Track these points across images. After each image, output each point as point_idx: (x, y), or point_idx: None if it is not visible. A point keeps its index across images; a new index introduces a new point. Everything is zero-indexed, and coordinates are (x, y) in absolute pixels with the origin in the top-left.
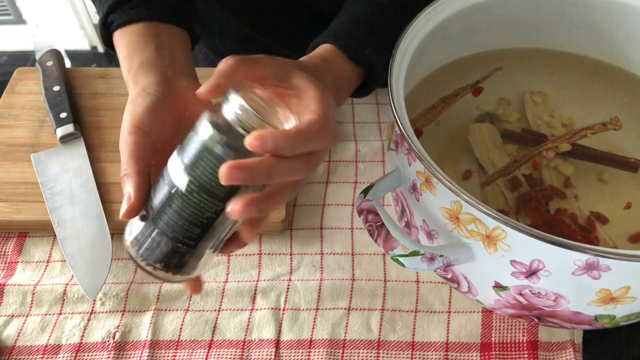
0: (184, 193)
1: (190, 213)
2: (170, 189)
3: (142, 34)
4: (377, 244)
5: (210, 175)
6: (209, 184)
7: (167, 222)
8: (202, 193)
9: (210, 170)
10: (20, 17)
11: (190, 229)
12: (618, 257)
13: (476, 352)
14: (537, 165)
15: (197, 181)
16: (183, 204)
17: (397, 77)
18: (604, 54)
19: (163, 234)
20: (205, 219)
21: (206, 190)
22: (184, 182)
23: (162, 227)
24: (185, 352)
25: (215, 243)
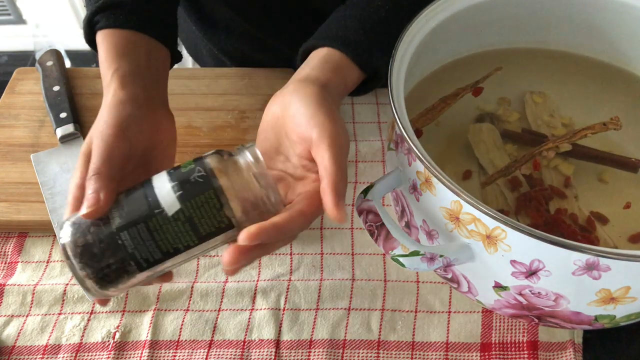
0: (168, 217)
1: (164, 238)
2: (154, 208)
3: (132, 42)
4: (377, 244)
5: (205, 214)
6: (198, 220)
7: (134, 238)
8: (187, 225)
9: (208, 209)
10: (20, 17)
11: (154, 253)
12: (618, 257)
13: (476, 352)
14: (537, 165)
15: (189, 212)
16: (161, 227)
17: (397, 77)
18: (604, 54)
19: (122, 247)
20: (174, 248)
21: (193, 224)
22: (173, 208)
23: (125, 239)
24: (185, 352)
25: (159, 272)
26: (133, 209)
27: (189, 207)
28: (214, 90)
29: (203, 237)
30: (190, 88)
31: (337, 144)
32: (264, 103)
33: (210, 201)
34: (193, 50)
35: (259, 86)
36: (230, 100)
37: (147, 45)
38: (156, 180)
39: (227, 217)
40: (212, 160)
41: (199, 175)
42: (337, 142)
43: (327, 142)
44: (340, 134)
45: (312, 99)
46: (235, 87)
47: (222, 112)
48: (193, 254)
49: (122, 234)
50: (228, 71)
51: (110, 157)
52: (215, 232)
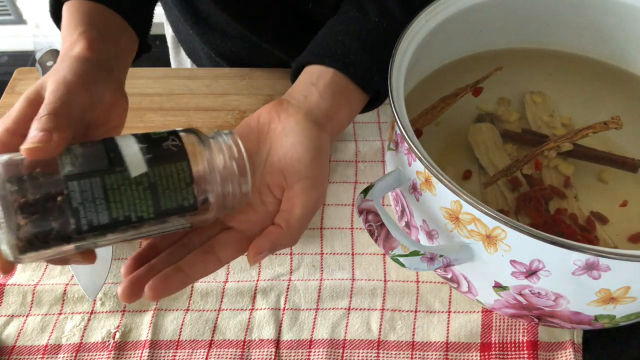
0: (130, 178)
1: (118, 200)
2: (115, 164)
3: (102, 13)
4: (377, 244)
5: (172, 185)
6: (162, 191)
7: (84, 191)
8: (148, 192)
9: (176, 182)
10: (20, 17)
11: (101, 215)
12: (618, 257)
13: (476, 352)
14: (539, 165)
15: (154, 179)
16: (119, 187)
17: (397, 77)
18: (604, 54)
19: (66, 200)
20: (124, 216)
21: (155, 193)
22: (138, 170)
23: (72, 190)
24: (185, 352)
25: (90, 244)
26: (90, 160)
27: (155, 173)
28: (214, 90)
29: (160, 213)
30: (190, 88)
31: (311, 208)
32: (264, 103)
33: (180, 173)
34: (191, 52)
35: (259, 86)
36: (230, 100)
37: (115, 22)
38: (120, 139)
39: (193, 196)
40: (189, 134)
41: (173, 145)
42: (312, 207)
43: (304, 200)
44: (320, 200)
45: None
46: (235, 87)
47: (222, 112)
48: (138, 231)
49: (70, 184)
50: (228, 71)
51: (70, 103)
52: (175, 210)
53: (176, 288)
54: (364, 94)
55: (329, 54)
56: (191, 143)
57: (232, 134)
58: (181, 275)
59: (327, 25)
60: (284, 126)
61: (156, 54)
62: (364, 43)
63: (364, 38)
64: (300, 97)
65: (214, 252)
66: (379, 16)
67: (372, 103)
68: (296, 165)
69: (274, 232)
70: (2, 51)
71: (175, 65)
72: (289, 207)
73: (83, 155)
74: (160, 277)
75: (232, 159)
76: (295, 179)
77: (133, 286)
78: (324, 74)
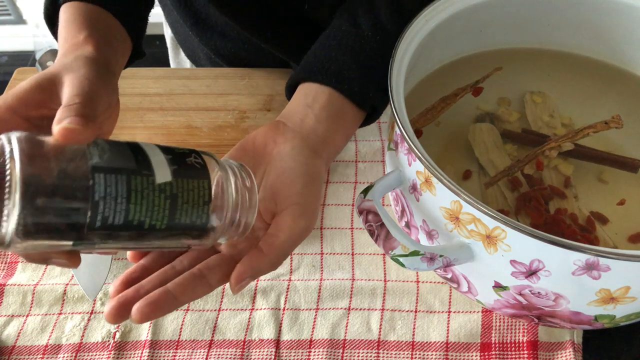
0: (154, 184)
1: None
2: (143, 168)
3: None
4: (377, 244)
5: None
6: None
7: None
8: (168, 202)
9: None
10: (20, 17)
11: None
12: (618, 257)
13: (476, 352)
14: (540, 164)
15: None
16: (142, 190)
17: (397, 77)
18: (603, 54)
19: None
20: (138, 221)
21: (174, 204)
22: (163, 178)
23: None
24: (185, 352)
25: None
26: (118, 156)
27: (179, 185)
28: (214, 90)
29: (173, 225)
30: (190, 88)
31: (297, 235)
32: (264, 103)
33: (201, 190)
34: (191, 53)
35: (259, 86)
36: (230, 100)
37: (112, 24)
38: (145, 146)
39: (207, 215)
40: (208, 156)
41: (197, 162)
42: (299, 234)
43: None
44: (308, 228)
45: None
46: (235, 87)
47: (222, 112)
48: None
49: (97, 175)
50: (228, 71)
51: (96, 100)
52: (186, 226)
53: (164, 311)
54: (359, 111)
55: (322, 70)
56: (211, 164)
57: (243, 166)
58: (169, 298)
59: (320, 40)
60: (280, 150)
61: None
62: (357, 58)
63: (357, 53)
64: (296, 120)
65: (203, 276)
66: (371, 30)
67: (369, 118)
68: (287, 191)
69: (255, 256)
70: (2, 51)
71: (175, 66)
72: (274, 232)
73: (111, 151)
74: (149, 300)
75: (244, 188)
76: (286, 205)
77: (120, 307)
78: (319, 94)
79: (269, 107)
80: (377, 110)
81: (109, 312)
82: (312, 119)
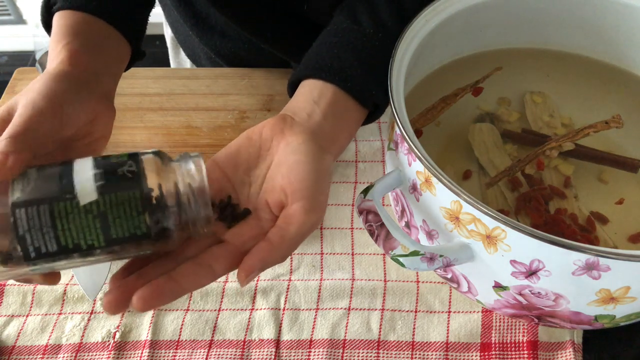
0: (79, 206)
1: (66, 229)
2: (65, 191)
3: (88, 23)
4: (377, 244)
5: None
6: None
7: (31, 218)
8: (97, 221)
9: (127, 210)
10: (20, 17)
11: (49, 243)
12: (618, 257)
13: (476, 352)
14: (541, 164)
15: (104, 208)
16: (67, 215)
17: (397, 77)
18: (603, 54)
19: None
20: (74, 244)
21: (105, 223)
22: (87, 198)
23: (19, 218)
24: (185, 352)
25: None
26: (41, 186)
27: (106, 201)
28: (214, 90)
29: (112, 241)
30: (190, 88)
31: (306, 230)
32: (264, 103)
33: (132, 202)
34: (191, 53)
35: (259, 86)
36: (230, 100)
37: (104, 31)
38: (78, 163)
39: (146, 225)
40: (148, 159)
41: (129, 170)
42: (308, 228)
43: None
44: (317, 223)
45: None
46: (235, 87)
47: (222, 112)
48: (95, 257)
49: (17, 211)
50: (228, 71)
51: (36, 129)
52: (127, 239)
53: (167, 299)
54: (362, 110)
55: (325, 67)
56: (151, 168)
57: (197, 157)
58: (173, 284)
59: (321, 37)
60: (289, 143)
61: (156, 54)
62: (359, 55)
63: (359, 50)
64: (303, 115)
65: (208, 264)
66: (373, 27)
67: (371, 116)
68: (299, 184)
69: (265, 248)
70: (2, 51)
71: (175, 66)
72: (285, 225)
73: (36, 181)
74: (151, 286)
75: (192, 184)
76: (297, 198)
77: (121, 295)
78: (325, 91)
79: (269, 107)
80: (379, 108)
81: (109, 301)
82: (319, 115)
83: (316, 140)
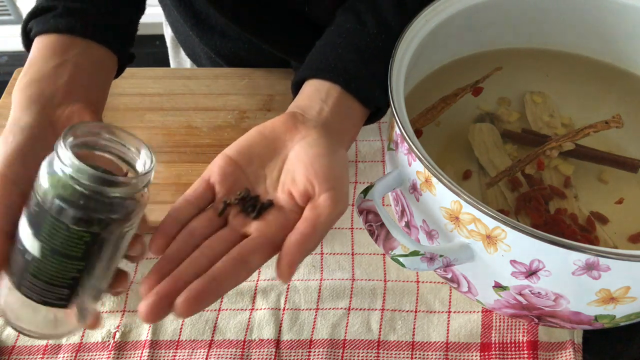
0: (39, 259)
1: (52, 277)
2: (24, 255)
3: (50, 47)
4: (377, 244)
5: (59, 238)
6: (61, 247)
7: (30, 288)
8: (57, 257)
9: (56, 232)
10: (20, 17)
11: (57, 291)
12: (618, 257)
13: (476, 352)
14: (541, 164)
15: (49, 245)
16: (41, 269)
17: (397, 77)
18: (603, 54)
19: (31, 300)
20: (70, 279)
21: (61, 253)
22: (36, 248)
23: (26, 292)
24: (185, 352)
25: (92, 293)
26: (16, 262)
27: (45, 241)
28: (214, 90)
29: (82, 258)
30: (190, 88)
31: (334, 219)
32: (264, 103)
33: (56, 226)
34: (191, 53)
35: (259, 86)
36: (230, 100)
37: (70, 46)
38: (20, 222)
39: (85, 232)
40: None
41: (35, 204)
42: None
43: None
44: (342, 213)
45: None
46: (235, 87)
47: (222, 112)
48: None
49: (22, 289)
50: (228, 71)
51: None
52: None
53: (211, 300)
54: (365, 110)
55: (330, 68)
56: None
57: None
58: (215, 285)
59: (325, 37)
60: (305, 137)
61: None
62: (363, 56)
63: (363, 51)
64: (313, 112)
65: (244, 260)
66: (377, 27)
67: (372, 117)
68: (326, 176)
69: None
70: (2, 51)
71: (175, 66)
72: (315, 215)
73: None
74: (194, 291)
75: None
76: (325, 188)
77: (160, 301)
78: (331, 91)
79: (269, 107)
80: (381, 110)
81: (149, 308)
82: (328, 112)
83: (331, 136)
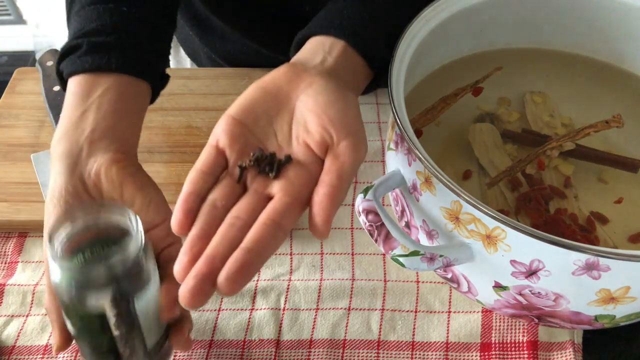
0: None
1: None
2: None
3: (77, 91)
4: (377, 244)
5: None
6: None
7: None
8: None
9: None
10: (20, 17)
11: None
12: (618, 257)
13: (476, 352)
14: (542, 164)
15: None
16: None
17: (397, 77)
18: (604, 54)
19: None
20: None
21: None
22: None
23: None
24: (185, 352)
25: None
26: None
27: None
28: (214, 90)
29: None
30: (190, 88)
31: (357, 166)
32: None
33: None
34: (191, 52)
35: None
36: (230, 100)
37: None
38: None
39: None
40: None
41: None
42: (358, 164)
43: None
44: (363, 158)
45: (351, 101)
46: (235, 87)
47: (222, 112)
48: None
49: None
50: (228, 71)
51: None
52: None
53: (253, 273)
54: (368, 71)
55: (335, 25)
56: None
57: None
58: (254, 257)
59: (330, 4)
60: (311, 84)
61: None
62: (369, 11)
63: (369, 9)
64: (316, 62)
65: (276, 223)
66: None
67: (372, 84)
68: (343, 122)
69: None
70: (2, 51)
71: (175, 65)
72: (338, 164)
73: None
74: (233, 266)
75: None
76: (344, 135)
77: (203, 284)
78: (335, 45)
79: None
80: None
81: (190, 293)
82: (332, 62)
83: (337, 82)
